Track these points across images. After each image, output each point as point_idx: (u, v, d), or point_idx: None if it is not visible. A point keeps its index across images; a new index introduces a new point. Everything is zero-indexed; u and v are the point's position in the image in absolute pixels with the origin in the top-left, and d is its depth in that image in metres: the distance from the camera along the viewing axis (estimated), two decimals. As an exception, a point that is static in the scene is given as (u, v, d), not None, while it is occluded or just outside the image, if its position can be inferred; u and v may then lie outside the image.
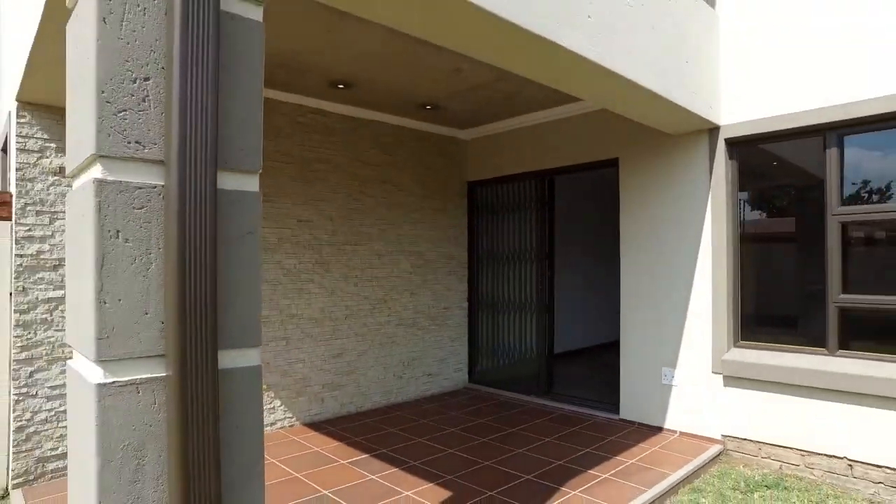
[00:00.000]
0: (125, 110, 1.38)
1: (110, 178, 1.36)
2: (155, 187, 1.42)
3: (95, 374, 1.35)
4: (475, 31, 2.59)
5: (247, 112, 1.56)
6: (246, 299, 1.55)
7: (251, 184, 1.58)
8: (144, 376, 1.40)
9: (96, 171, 1.36)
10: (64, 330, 3.66)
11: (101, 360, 1.34)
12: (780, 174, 4.46)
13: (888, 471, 3.54)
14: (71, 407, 1.56)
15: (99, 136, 1.34)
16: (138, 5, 1.40)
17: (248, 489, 1.55)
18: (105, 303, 1.34)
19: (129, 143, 1.39)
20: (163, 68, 1.43)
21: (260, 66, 1.60)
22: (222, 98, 1.49)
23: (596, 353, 7.42)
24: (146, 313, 1.40)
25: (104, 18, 1.35)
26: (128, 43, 1.39)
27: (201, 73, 1.42)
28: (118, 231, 1.36)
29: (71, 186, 1.62)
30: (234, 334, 1.52)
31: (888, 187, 3.76)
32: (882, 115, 3.60)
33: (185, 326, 1.39)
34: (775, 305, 4.43)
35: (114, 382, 1.35)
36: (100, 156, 1.35)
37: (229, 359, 1.51)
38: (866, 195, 3.86)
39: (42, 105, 3.60)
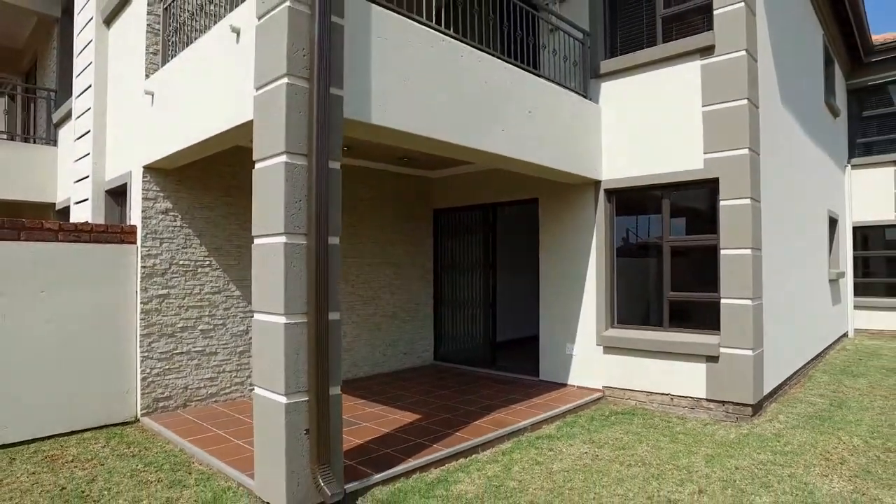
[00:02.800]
0: (293, 213, 3.42)
1: (288, 241, 3.39)
2: (303, 244, 3.45)
3: (282, 319, 3.38)
4: (427, 145, 4.66)
5: (336, 209, 3.61)
6: (335, 289, 3.59)
7: (336, 240, 3.63)
8: (299, 321, 3.43)
9: (282, 238, 3.39)
10: (168, 318, 5.58)
11: (286, 313, 3.37)
12: (639, 212, 6.68)
13: (690, 399, 5.77)
14: (263, 335, 3.55)
15: (285, 223, 3.37)
16: (299, 171, 3.43)
17: (338, 369, 3.59)
18: (286, 290, 3.37)
19: (294, 226, 3.42)
20: (306, 196, 3.47)
21: (339, 188, 3.65)
22: (331, 202, 3.52)
23: (526, 342, 9.53)
24: (301, 295, 3.44)
25: (286, 179, 3.39)
26: (293, 186, 3.42)
27: (322, 196, 3.47)
28: (292, 264, 3.40)
29: (252, 241, 3.64)
30: (332, 305, 3.55)
31: (692, 224, 6.03)
32: (685, 181, 5.85)
33: (316, 301, 3.43)
34: (636, 300, 6.63)
35: (289, 322, 3.39)
36: (285, 232, 3.38)
37: (330, 315, 3.54)
38: (682, 229, 6.12)
39: (157, 169, 5.53)
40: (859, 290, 12.27)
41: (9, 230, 4.65)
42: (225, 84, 4.19)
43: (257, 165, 3.64)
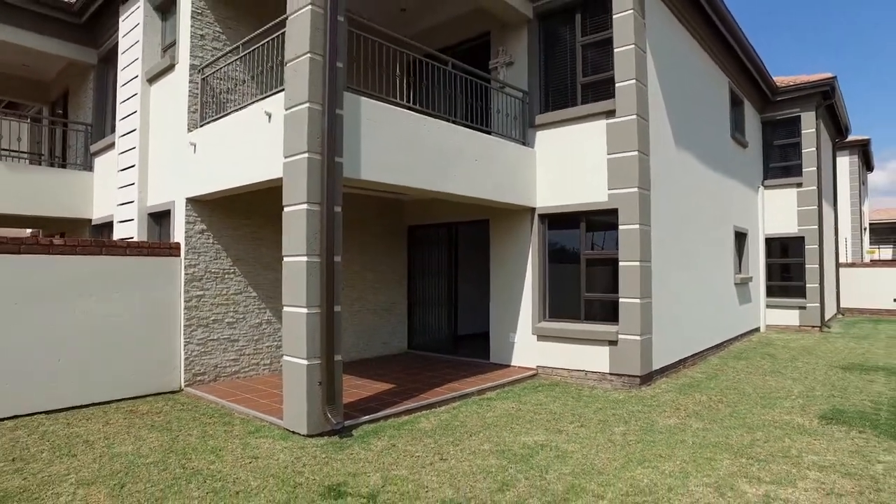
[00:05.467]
0: (312, 242, 5.24)
1: (308, 260, 5.21)
2: (318, 262, 5.28)
3: (304, 310, 5.19)
4: (400, 189, 6.52)
5: (339, 237, 5.43)
6: (338, 290, 5.42)
7: (339, 258, 5.45)
8: (315, 311, 5.26)
9: (304, 258, 5.21)
10: (204, 313, 7.33)
11: (307, 306, 5.19)
12: (565, 229, 8.61)
13: (598, 373, 7.71)
14: (291, 321, 5.35)
15: (307, 249, 5.19)
16: (315, 214, 5.25)
17: (339, 343, 5.42)
18: (308, 292, 5.19)
19: (312, 250, 5.25)
20: (319, 230, 5.29)
21: (341, 224, 5.47)
22: (336, 234, 5.35)
23: (482, 335, 11.49)
24: (316, 295, 5.26)
25: (307, 220, 5.20)
26: (312, 224, 5.24)
27: (330, 230, 5.29)
28: (311, 274, 5.22)
29: (284, 261, 5.44)
30: (336, 301, 5.37)
31: (604, 242, 7.99)
32: (596, 210, 7.80)
33: (326, 298, 5.26)
34: (562, 299, 8.56)
35: (309, 313, 5.21)
36: (307, 254, 5.20)
37: (335, 308, 5.36)
38: (594, 244, 8.08)
39: (196, 200, 7.28)
40: (775, 292, 14.45)
41: (94, 247, 6.37)
42: (259, 149, 5.99)
43: (286, 209, 5.45)
